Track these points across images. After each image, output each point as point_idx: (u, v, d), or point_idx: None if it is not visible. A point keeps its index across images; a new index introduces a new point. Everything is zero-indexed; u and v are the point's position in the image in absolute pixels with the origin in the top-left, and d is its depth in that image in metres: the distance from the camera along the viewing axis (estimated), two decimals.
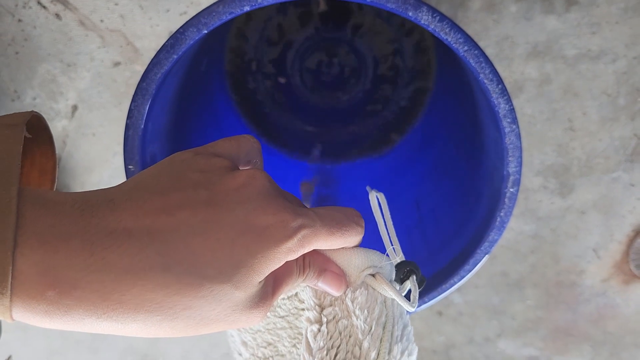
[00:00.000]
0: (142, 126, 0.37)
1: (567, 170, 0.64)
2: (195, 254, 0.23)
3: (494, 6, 0.56)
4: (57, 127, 0.63)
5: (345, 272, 0.29)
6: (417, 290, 0.31)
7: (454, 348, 0.76)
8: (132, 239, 0.22)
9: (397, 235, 0.33)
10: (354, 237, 0.28)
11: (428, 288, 0.43)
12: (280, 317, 0.31)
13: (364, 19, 0.59)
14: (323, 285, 0.29)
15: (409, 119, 0.60)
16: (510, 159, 0.37)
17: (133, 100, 0.36)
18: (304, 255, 0.28)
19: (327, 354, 0.28)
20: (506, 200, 0.38)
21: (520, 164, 0.37)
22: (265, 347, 0.31)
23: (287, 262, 0.26)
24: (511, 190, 0.38)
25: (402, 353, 0.29)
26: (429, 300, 0.43)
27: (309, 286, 0.29)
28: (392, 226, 0.33)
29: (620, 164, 0.63)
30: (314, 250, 0.28)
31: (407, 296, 0.31)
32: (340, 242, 0.28)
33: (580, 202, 0.66)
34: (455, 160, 0.52)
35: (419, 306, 0.42)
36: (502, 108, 0.35)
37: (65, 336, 0.77)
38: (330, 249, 0.29)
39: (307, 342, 0.29)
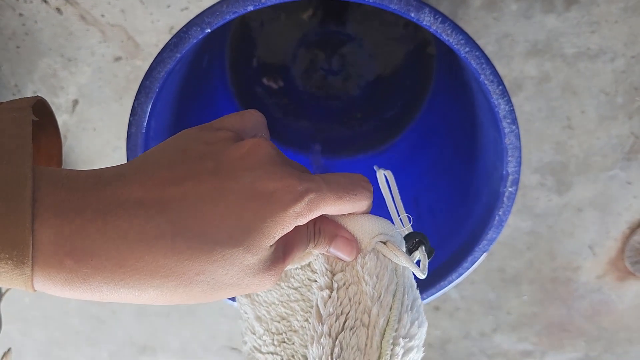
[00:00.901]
0: (145, 124, 0.37)
1: (565, 168, 0.65)
2: (205, 221, 0.23)
3: (494, 4, 0.57)
4: (57, 121, 0.63)
5: (356, 238, 0.29)
6: (427, 260, 0.31)
7: (450, 342, 0.76)
8: (143, 208, 0.23)
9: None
10: (363, 202, 0.28)
11: (426, 285, 0.43)
12: (293, 289, 0.31)
13: (365, 18, 0.59)
14: (335, 251, 0.29)
15: (409, 116, 0.61)
16: (509, 159, 0.37)
17: (136, 99, 0.36)
18: (314, 222, 0.28)
19: (336, 320, 0.28)
20: (505, 199, 0.39)
21: (519, 164, 0.37)
22: (279, 322, 0.31)
23: (297, 228, 0.27)
24: (510, 189, 0.38)
25: (413, 323, 0.29)
26: (427, 297, 0.43)
27: (321, 254, 0.29)
28: (400, 200, 0.33)
29: (617, 162, 0.64)
30: (324, 217, 0.29)
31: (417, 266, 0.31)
32: (348, 207, 0.28)
33: (577, 199, 0.66)
34: (453, 158, 0.52)
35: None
36: (502, 109, 0.35)
37: (65, 327, 0.77)
38: (341, 216, 0.29)
39: (317, 310, 0.29)
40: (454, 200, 0.49)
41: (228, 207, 0.24)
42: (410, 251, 0.31)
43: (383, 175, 0.33)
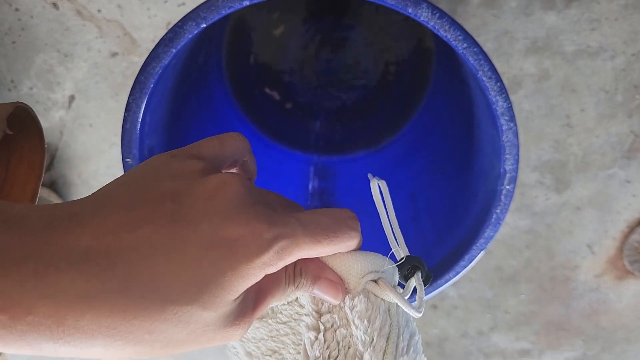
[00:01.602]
0: (140, 119, 0.36)
1: (564, 166, 0.64)
2: (156, 275, 0.21)
3: (493, 1, 0.56)
4: (54, 117, 0.63)
5: (343, 279, 0.27)
6: (423, 291, 0.28)
7: (448, 341, 0.76)
8: (89, 260, 0.20)
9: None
10: (346, 243, 0.26)
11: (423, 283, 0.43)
12: (282, 323, 0.29)
13: (364, 15, 0.59)
14: (319, 294, 0.27)
15: (407, 114, 0.60)
16: (507, 156, 0.37)
17: (131, 94, 0.35)
18: (295, 264, 0.26)
19: None
20: (502, 197, 0.38)
21: (517, 162, 0.37)
22: (271, 356, 0.30)
23: (274, 272, 0.24)
24: (507, 187, 0.38)
25: None
26: (424, 296, 0.43)
27: (308, 294, 0.28)
28: (395, 218, 0.31)
29: (616, 161, 0.63)
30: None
31: (413, 296, 0.29)
32: (329, 250, 0.25)
33: (575, 198, 0.66)
34: (451, 155, 0.52)
35: (414, 301, 0.43)
36: (500, 106, 0.35)
37: None
38: (327, 258, 0.27)
39: (305, 351, 0.27)
40: (452, 197, 0.48)
41: (183, 259, 0.21)
42: (405, 278, 0.29)
43: (377, 186, 0.31)
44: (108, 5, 0.57)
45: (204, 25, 0.34)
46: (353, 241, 0.26)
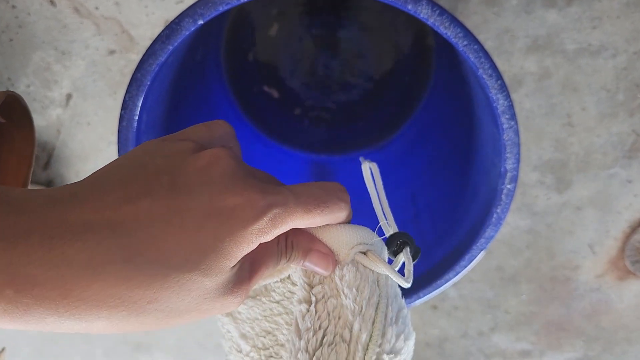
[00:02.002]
0: (137, 117, 0.36)
1: (565, 166, 0.64)
2: (158, 243, 0.21)
3: None
4: (51, 115, 0.62)
5: (333, 251, 0.28)
6: (412, 264, 0.29)
7: (448, 341, 0.76)
8: (92, 231, 0.21)
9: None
10: (337, 214, 0.27)
11: (423, 283, 0.42)
12: (275, 302, 0.30)
13: (364, 12, 0.58)
14: (310, 265, 0.27)
15: (407, 113, 0.60)
16: (508, 155, 0.36)
17: (127, 92, 0.35)
18: (286, 235, 0.27)
19: (314, 335, 0.27)
20: (503, 196, 0.38)
21: (518, 161, 0.37)
22: (265, 337, 0.30)
23: (266, 244, 0.25)
24: (508, 186, 0.38)
25: (398, 337, 0.28)
26: (424, 296, 0.42)
27: (300, 268, 0.28)
28: (385, 197, 0.31)
29: (617, 160, 0.63)
30: (297, 229, 0.27)
31: (401, 272, 0.29)
32: (320, 220, 0.26)
33: (576, 197, 0.66)
34: (452, 155, 0.51)
35: (413, 302, 0.42)
36: (500, 104, 0.35)
37: None
38: (316, 228, 0.28)
39: (296, 324, 0.27)
40: (452, 197, 0.48)
41: (183, 228, 0.22)
42: (394, 253, 0.30)
43: (368, 169, 0.32)
44: (105, 3, 0.57)
45: (201, 22, 0.33)
46: (343, 212, 0.27)
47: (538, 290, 0.71)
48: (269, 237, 0.24)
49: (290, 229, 0.26)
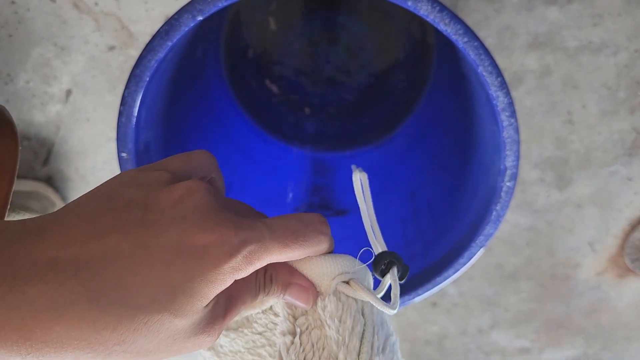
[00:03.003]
0: (136, 113, 0.36)
1: (565, 163, 0.64)
2: (125, 283, 0.20)
3: None
4: (51, 111, 0.62)
5: (314, 282, 0.27)
6: (398, 287, 0.28)
7: (447, 338, 0.76)
8: (56, 270, 0.20)
9: (392, 227, 0.32)
10: (316, 247, 0.26)
11: (422, 280, 0.42)
12: (258, 334, 0.29)
13: (363, 9, 0.58)
14: (290, 299, 0.27)
15: (407, 110, 0.60)
16: (507, 152, 0.36)
17: (126, 88, 0.35)
18: (265, 269, 0.26)
19: None
20: (502, 194, 0.38)
21: (517, 158, 0.36)
22: None
23: (243, 278, 0.24)
24: (508, 184, 0.37)
25: None
26: (423, 293, 0.42)
27: (282, 300, 0.28)
28: (373, 212, 0.31)
29: (618, 158, 0.63)
30: (276, 263, 0.27)
31: (389, 293, 0.29)
32: (299, 254, 0.25)
33: (577, 195, 0.65)
34: (451, 152, 0.51)
35: (412, 299, 0.42)
36: (500, 101, 0.34)
37: None
38: (297, 263, 0.27)
39: (280, 356, 0.27)
40: (452, 194, 0.48)
41: (151, 267, 0.21)
42: (382, 273, 0.29)
43: (359, 180, 0.31)
44: None
45: (200, 18, 0.33)
46: (323, 245, 0.26)
47: (538, 288, 0.71)
48: (243, 274, 0.23)
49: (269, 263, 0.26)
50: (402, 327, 0.75)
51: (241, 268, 0.22)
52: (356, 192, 0.31)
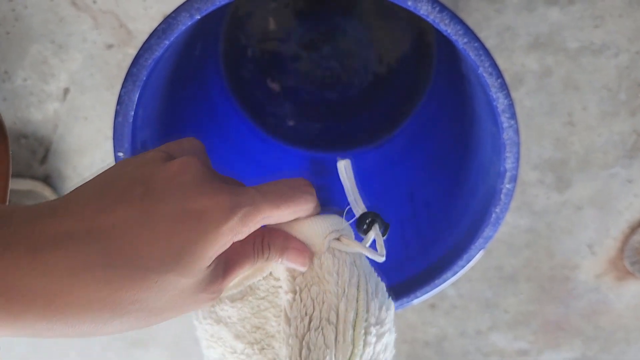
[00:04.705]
0: (132, 112, 0.36)
1: (565, 165, 0.63)
2: (135, 248, 0.23)
3: None
4: (48, 109, 0.62)
5: (308, 243, 0.30)
6: (382, 239, 0.31)
7: (446, 340, 0.76)
8: (73, 240, 0.22)
9: (390, 227, 0.33)
10: (304, 206, 0.28)
11: (421, 283, 0.42)
12: (261, 299, 0.31)
13: (363, 9, 0.58)
14: (288, 263, 0.29)
15: (406, 110, 0.60)
16: (507, 154, 0.36)
17: (123, 86, 0.35)
18: (262, 237, 0.28)
19: (301, 322, 0.28)
20: (502, 196, 0.38)
21: (517, 160, 0.36)
22: (255, 332, 0.32)
23: (242, 245, 0.27)
24: (507, 186, 0.37)
25: (380, 309, 0.30)
26: (422, 295, 0.42)
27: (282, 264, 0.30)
28: (353, 179, 0.33)
29: (618, 160, 0.63)
30: (272, 229, 0.29)
31: (373, 249, 0.31)
32: (289, 214, 0.28)
33: (576, 197, 0.65)
34: (451, 153, 0.51)
35: (411, 301, 0.42)
36: (500, 103, 0.34)
37: None
38: (288, 224, 0.30)
39: (285, 313, 0.29)
40: (451, 196, 0.48)
41: (158, 232, 0.23)
42: (364, 232, 0.31)
43: (343, 166, 0.34)
44: None
45: (198, 17, 0.33)
46: (310, 204, 0.29)
47: (537, 289, 0.71)
48: (241, 236, 0.25)
49: (265, 230, 0.29)
50: (400, 329, 0.75)
51: (238, 229, 0.25)
52: (340, 174, 0.33)
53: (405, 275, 0.44)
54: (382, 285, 0.31)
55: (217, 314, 0.33)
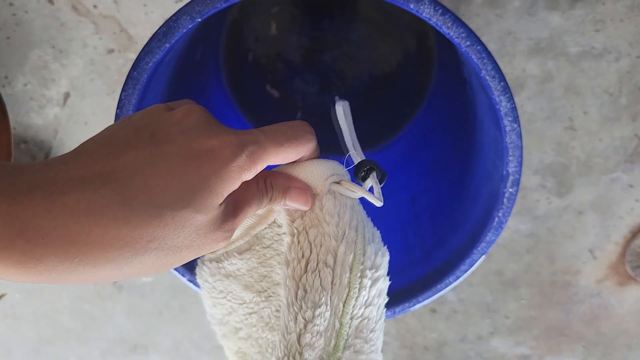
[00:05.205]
0: None
1: (566, 170, 0.63)
2: (149, 186, 0.23)
3: (497, 1, 0.55)
4: (48, 114, 0.62)
5: (310, 185, 0.30)
6: (379, 185, 0.32)
7: (447, 345, 0.75)
8: (87, 183, 0.23)
9: (392, 232, 0.33)
10: (306, 145, 0.29)
11: (423, 288, 0.42)
12: (267, 247, 0.32)
13: (365, 13, 0.58)
14: (291, 203, 0.30)
15: (408, 115, 0.59)
16: (510, 158, 0.36)
17: (123, 90, 0.35)
18: (264, 179, 0.29)
19: (298, 264, 0.29)
20: (505, 200, 0.38)
21: (520, 164, 0.36)
22: (262, 281, 0.33)
23: (247, 186, 0.28)
24: (510, 190, 0.37)
25: (376, 254, 0.30)
26: (423, 300, 0.42)
27: (283, 209, 0.30)
28: (353, 129, 0.34)
29: (619, 165, 0.62)
30: (275, 172, 0.30)
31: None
32: (292, 152, 0.28)
33: (578, 202, 0.65)
34: (453, 157, 0.51)
35: (413, 306, 0.42)
36: (503, 106, 0.34)
37: (56, 325, 0.76)
38: (291, 167, 0.30)
39: (285, 255, 0.30)
40: (453, 200, 0.47)
41: (170, 170, 0.24)
42: (362, 179, 0.32)
43: (341, 107, 0.35)
44: (104, 1, 0.56)
45: (199, 20, 0.33)
46: (311, 143, 0.30)
47: (538, 294, 0.71)
48: (249, 174, 0.26)
49: (268, 172, 0.30)
50: (400, 334, 0.75)
51: (246, 167, 0.26)
52: (339, 117, 0.34)
53: (407, 280, 0.43)
54: (378, 234, 0.32)
55: (226, 268, 0.33)
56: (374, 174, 0.32)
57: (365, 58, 0.59)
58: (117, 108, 0.35)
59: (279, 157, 0.28)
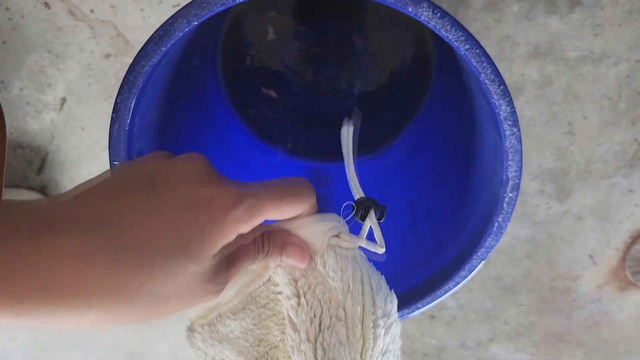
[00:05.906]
0: (129, 120, 0.35)
1: (565, 175, 0.63)
2: (142, 232, 0.23)
3: (495, 5, 0.55)
4: (45, 119, 0.61)
5: (309, 242, 0.30)
6: (379, 228, 0.31)
7: (446, 352, 0.75)
8: (78, 224, 0.22)
9: (390, 238, 0.33)
10: (305, 201, 0.29)
11: (422, 294, 0.41)
12: (262, 307, 0.31)
13: (363, 18, 0.57)
14: (287, 260, 0.29)
15: (406, 119, 0.59)
16: (510, 163, 0.35)
17: (119, 94, 0.34)
18: (261, 233, 0.29)
19: (311, 324, 0.28)
20: (504, 205, 0.37)
21: (520, 169, 0.36)
22: (258, 345, 0.32)
23: (243, 240, 0.27)
24: (510, 195, 0.37)
25: (385, 301, 0.30)
26: (422, 306, 0.41)
27: (279, 266, 0.30)
28: (353, 162, 0.34)
29: (619, 170, 0.62)
30: (272, 227, 0.30)
31: (371, 240, 0.32)
32: (290, 208, 0.28)
33: (577, 207, 0.65)
34: (452, 162, 0.50)
35: (412, 312, 0.41)
36: (503, 110, 0.34)
37: (52, 332, 0.75)
38: (289, 223, 0.30)
39: (290, 319, 0.29)
40: (452, 205, 0.47)
41: (166, 218, 0.23)
42: (362, 217, 0.32)
43: (347, 131, 0.35)
44: (101, 6, 0.56)
45: (195, 23, 0.32)
46: (311, 200, 0.29)
47: (538, 300, 0.71)
48: (246, 227, 0.25)
49: (266, 227, 0.29)
50: None
51: (243, 219, 0.25)
52: (342, 143, 0.34)
53: (406, 286, 0.43)
54: (383, 279, 0.32)
55: (220, 331, 0.32)
56: (372, 214, 0.32)
57: (363, 63, 0.59)
58: (113, 112, 0.35)
59: (278, 212, 0.27)
